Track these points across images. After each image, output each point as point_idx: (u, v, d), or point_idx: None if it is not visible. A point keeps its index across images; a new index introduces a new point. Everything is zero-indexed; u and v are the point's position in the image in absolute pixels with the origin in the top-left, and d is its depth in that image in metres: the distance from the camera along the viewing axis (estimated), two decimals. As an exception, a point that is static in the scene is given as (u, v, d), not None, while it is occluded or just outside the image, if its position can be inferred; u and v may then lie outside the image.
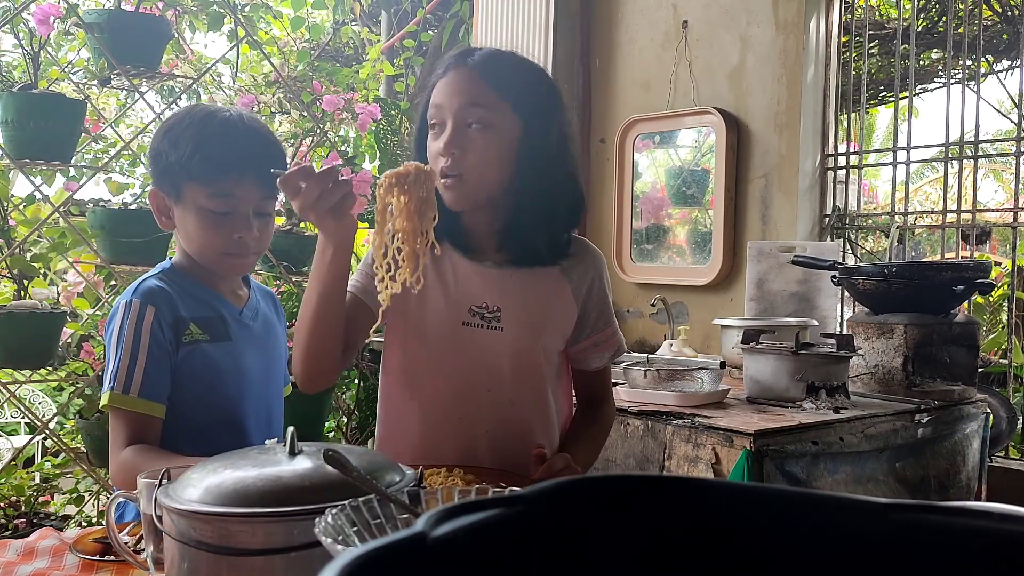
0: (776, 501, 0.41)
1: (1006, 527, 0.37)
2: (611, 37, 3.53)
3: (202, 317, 1.42)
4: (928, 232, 3.43)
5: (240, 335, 1.46)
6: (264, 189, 1.41)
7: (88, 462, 2.62)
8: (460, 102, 1.33)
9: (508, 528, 0.39)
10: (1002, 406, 2.69)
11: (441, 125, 1.35)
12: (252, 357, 1.49)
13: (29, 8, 2.54)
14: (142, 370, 1.33)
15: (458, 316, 1.40)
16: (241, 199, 1.39)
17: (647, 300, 3.26)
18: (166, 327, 1.37)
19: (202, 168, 1.37)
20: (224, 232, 1.40)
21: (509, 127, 1.35)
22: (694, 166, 3.36)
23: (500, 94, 1.34)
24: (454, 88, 1.34)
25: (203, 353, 1.40)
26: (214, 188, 1.38)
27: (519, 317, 1.41)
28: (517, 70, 1.39)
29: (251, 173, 1.38)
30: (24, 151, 2.42)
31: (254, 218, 1.41)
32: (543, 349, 1.44)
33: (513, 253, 1.42)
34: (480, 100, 1.33)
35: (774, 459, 1.82)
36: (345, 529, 0.69)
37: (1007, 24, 3.95)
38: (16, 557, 1.15)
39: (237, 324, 1.47)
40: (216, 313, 1.44)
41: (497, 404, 1.41)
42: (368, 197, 2.81)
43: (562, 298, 1.45)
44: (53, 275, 3.22)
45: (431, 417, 1.42)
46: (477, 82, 1.34)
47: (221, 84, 3.39)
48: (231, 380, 1.44)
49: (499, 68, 1.37)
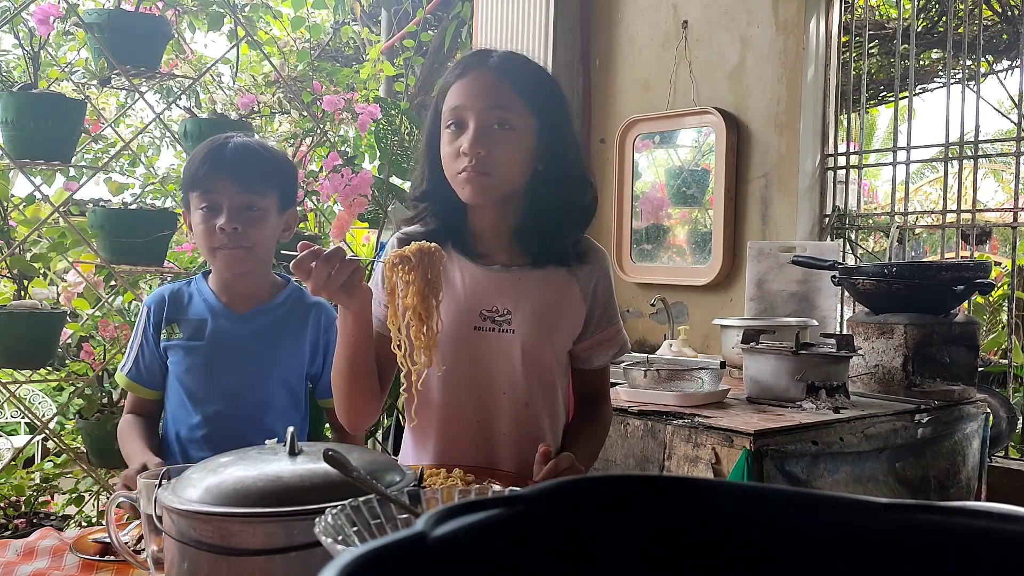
0: (776, 501, 0.41)
1: (1006, 527, 0.37)
2: (611, 37, 3.53)
3: (185, 319, 1.64)
4: (928, 232, 3.43)
5: (222, 339, 1.62)
6: (241, 184, 1.56)
7: (88, 462, 2.62)
8: (484, 104, 1.35)
9: (508, 528, 0.39)
10: (1002, 406, 2.69)
11: (460, 126, 1.36)
12: (233, 363, 1.62)
13: (29, 8, 2.54)
14: (134, 358, 1.65)
15: (470, 320, 1.41)
16: (219, 193, 1.56)
17: (647, 300, 3.26)
18: (152, 326, 1.64)
19: (195, 175, 1.57)
20: (209, 226, 1.56)
21: (527, 128, 1.38)
22: (694, 166, 3.36)
23: (520, 96, 1.37)
24: (476, 90, 1.36)
25: (176, 350, 1.63)
26: (201, 188, 1.57)
27: (529, 319, 1.41)
28: (531, 71, 1.42)
29: (227, 173, 1.55)
30: (24, 151, 2.42)
31: (235, 211, 1.55)
32: (553, 350, 1.45)
33: (529, 253, 1.43)
34: (503, 102, 1.36)
35: (774, 459, 1.82)
36: (345, 529, 0.69)
37: (1007, 24, 3.95)
38: (16, 557, 1.15)
39: (224, 328, 1.63)
40: (200, 316, 1.63)
41: (514, 406, 1.42)
42: (368, 197, 2.81)
43: (571, 298, 1.46)
44: (53, 275, 3.22)
45: (450, 424, 1.43)
46: (499, 84, 1.36)
47: (221, 84, 3.39)
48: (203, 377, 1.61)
49: (517, 70, 1.39)
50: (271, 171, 1.61)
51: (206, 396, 1.61)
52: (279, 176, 1.63)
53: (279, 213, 1.63)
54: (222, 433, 1.58)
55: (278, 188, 1.62)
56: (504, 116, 1.35)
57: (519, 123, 1.36)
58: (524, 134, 1.37)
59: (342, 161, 2.89)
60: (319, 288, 1.22)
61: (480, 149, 1.34)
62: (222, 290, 1.65)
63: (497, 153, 1.35)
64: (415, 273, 1.24)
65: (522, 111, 1.37)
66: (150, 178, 3.09)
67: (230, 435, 1.52)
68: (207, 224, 1.56)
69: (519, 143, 1.37)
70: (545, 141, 1.39)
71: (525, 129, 1.37)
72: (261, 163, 1.60)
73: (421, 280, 1.24)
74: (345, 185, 2.70)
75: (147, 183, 3.08)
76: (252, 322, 1.64)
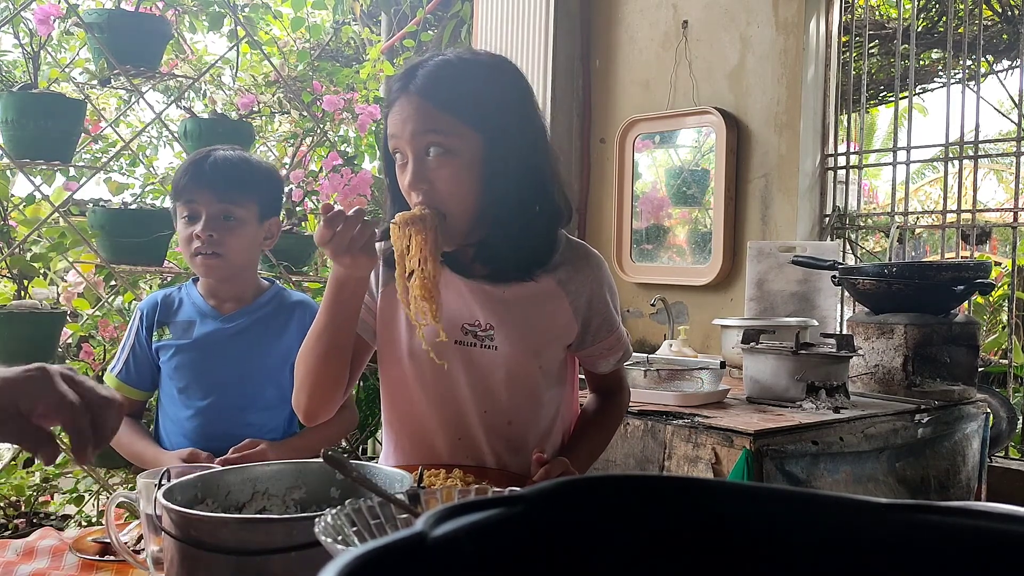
0: (776, 501, 0.41)
1: (1006, 527, 0.37)
2: (611, 37, 3.53)
3: (175, 321, 1.74)
4: (928, 232, 3.43)
5: (209, 339, 1.72)
6: (218, 194, 1.66)
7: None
8: (412, 131, 1.25)
9: (508, 528, 0.39)
10: (1002, 406, 2.69)
11: (403, 156, 1.28)
12: (219, 360, 1.71)
13: (29, 8, 2.54)
14: (124, 360, 1.75)
15: (451, 334, 1.33)
16: (198, 202, 1.66)
17: (647, 300, 3.26)
18: (144, 329, 1.75)
19: (178, 185, 1.69)
20: (189, 234, 1.67)
21: (470, 146, 1.26)
22: (694, 166, 3.36)
23: (453, 115, 1.25)
24: (403, 118, 1.26)
25: (167, 349, 1.73)
26: (183, 199, 1.68)
27: (513, 334, 1.35)
28: (468, 81, 1.29)
29: (206, 180, 1.66)
30: (24, 151, 2.42)
31: (211, 220, 1.65)
32: (539, 365, 1.39)
33: (495, 270, 1.35)
34: (432, 126, 1.25)
35: (774, 459, 1.82)
36: (345, 529, 0.69)
37: (1007, 24, 3.95)
38: (16, 557, 1.15)
39: (211, 329, 1.73)
40: (189, 318, 1.74)
41: (495, 425, 1.38)
42: (368, 197, 2.81)
43: (559, 312, 1.37)
44: (53, 275, 3.21)
45: (435, 440, 1.40)
46: (424, 107, 1.25)
47: (221, 84, 3.39)
48: (190, 374, 1.72)
49: (446, 85, 1.26)
50: (250, 182, 1.71)
51: (195, 392, 1.71)
52: (259, 187, 1.73)
53: (259, 222, 1.73)
54: (211, 426, 1.69)
55: (257, 198, 1.71)
56: (438, 140, 1.24)
57: (458, 146, 1.25)
58: (468, 157, 1.25)
59: (342, 161, 2.89)
60: (341, 249, 1.20)
61: (422, 184, 1.25)
62: (209, 294, 1.76)
63: (441, 185, 1.25)
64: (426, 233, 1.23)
65: (461, 132, 1.25)
66: (150, 178, 3.09)
67: (218, 428, 1.68)
68: (187, 232, 1.67)
69: (463, 168, 1.26)
70: (497, 156, 1.27)
71: (469, 151, 1.25)
72: (239, 175, 1.69)
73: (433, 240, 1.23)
74: (345, 185, 2.70)
75: (147, 183, 3.08)
76: (237, 322, 1.74)
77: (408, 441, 1.43)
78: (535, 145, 1.32)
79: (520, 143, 1.29)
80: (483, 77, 1.31)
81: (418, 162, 1.25)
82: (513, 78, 1.35)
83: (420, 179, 1.25)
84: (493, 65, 1.34)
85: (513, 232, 1.31)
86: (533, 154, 1.31)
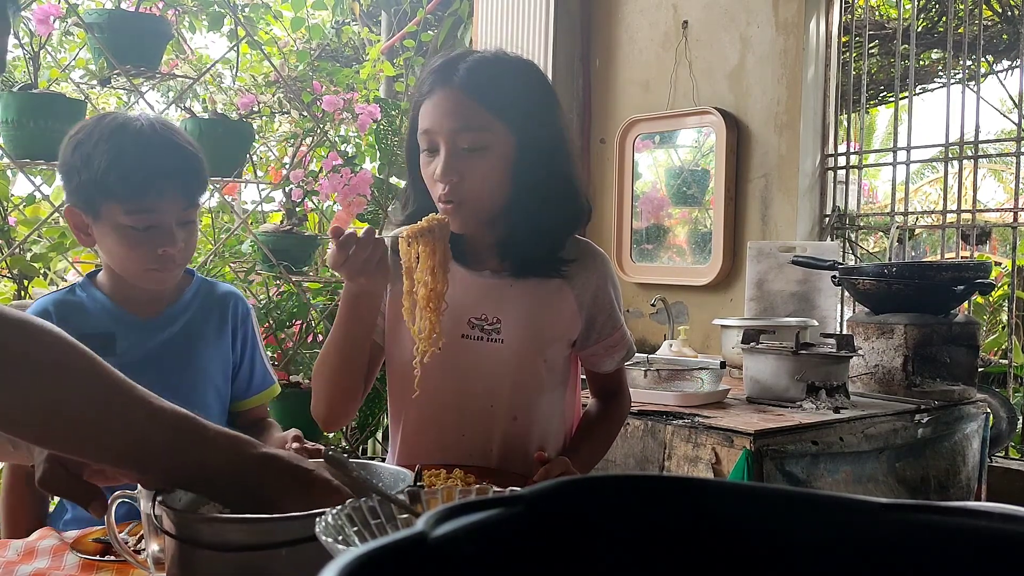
0: (776, 501, 0.41)
1: (1006, 527, 0.37)
2: (611, 37, 3.53)
3: (88, 335, 1.33)
4: (928, 232, 3.43)
5: (137, 353, 1.41)
6: (185, 199, 1.38)
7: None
8: (451, 126, 1.27)
9: (508, 528, 0.39)
10: (1002, 406, 2.69)
11: (433, 150, 1.29)
12: (154, 375, 1.38)
13: (29, 8, 2.54)
14: None
15: (457, 328, 1.35)
16: (162, 212, 1.36)
17: (647, 300, 3.26)
18: None
19: (119, 186, 1.33)
20: (147, 248, 1.36)
21: (503, 144, 1.29)
22: (694, 166, 3.36)
23: (492, 112, 1.28)
24: (443, 111, 1.28)
25: None
26: (133, 205, 1.34)
27: (519, 328, 1.37)
28: (505, 79, 1.32)
29: (170, 186, 1.36)
30: (24, 151, 2.42)
31: (177, 229, 1.38)
32: (545, 360, 1.40)
33: (513, 264, 1.37)
34: (473, 122, 1.27)
35: (774, 459, 1.82)
36: (345, 529, 0.68)
37: (1007, 24, 3.95)
38: (16, 557, 1.15)
39: (136, 340, 1.43)
40: (105, 330, 1.41)
41: (500, 419, 1.39)
42: (367, 197, 2.81)
43: (565, 308, 1.40)
44: (53, 275, 3.21)
45: (436, 436, 1.40)
46: (466, 103, 1.27)
47: (221, 84, 3.39)
48: None
49: (487, 82, 1.29)
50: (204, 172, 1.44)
51: None
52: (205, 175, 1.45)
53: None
54: None
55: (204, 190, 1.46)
56: (476, 138, 1.27)
57: (493, 142, 1.28)
58: (500, 154, 1.29)
59: (342, 161, 2.89)
60: (355, 271, 1.20)
61: (452, 176, 1.27)
62: (119, 294, 1.44)
63: (471, 179, 1.27)
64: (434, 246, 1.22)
65: (497, 129, 1.28)
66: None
67: None
68: (142, 247, 1.36)
69: (495, 164, 1.28)
70: (527, 155, 1.30)
71: (501, 148, 1.29)
72: (198, 164, 1.42)
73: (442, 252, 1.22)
74: (344, 185, 2.70)
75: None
76: (166, 327, 1.46)
77: (414, 437, 1.44)
78: (560, 146, 1.36)
79: (548, 144, 1.33)
80: (519, 77, 1.34)
81: (451, 154, 1.27)
82: (543, 80, 1.39)
83: (451, 170, 1.27)
84: (526, 66, 1.38)
85: (538, 229, 1.34)
86: (558, 154, 1.35)
